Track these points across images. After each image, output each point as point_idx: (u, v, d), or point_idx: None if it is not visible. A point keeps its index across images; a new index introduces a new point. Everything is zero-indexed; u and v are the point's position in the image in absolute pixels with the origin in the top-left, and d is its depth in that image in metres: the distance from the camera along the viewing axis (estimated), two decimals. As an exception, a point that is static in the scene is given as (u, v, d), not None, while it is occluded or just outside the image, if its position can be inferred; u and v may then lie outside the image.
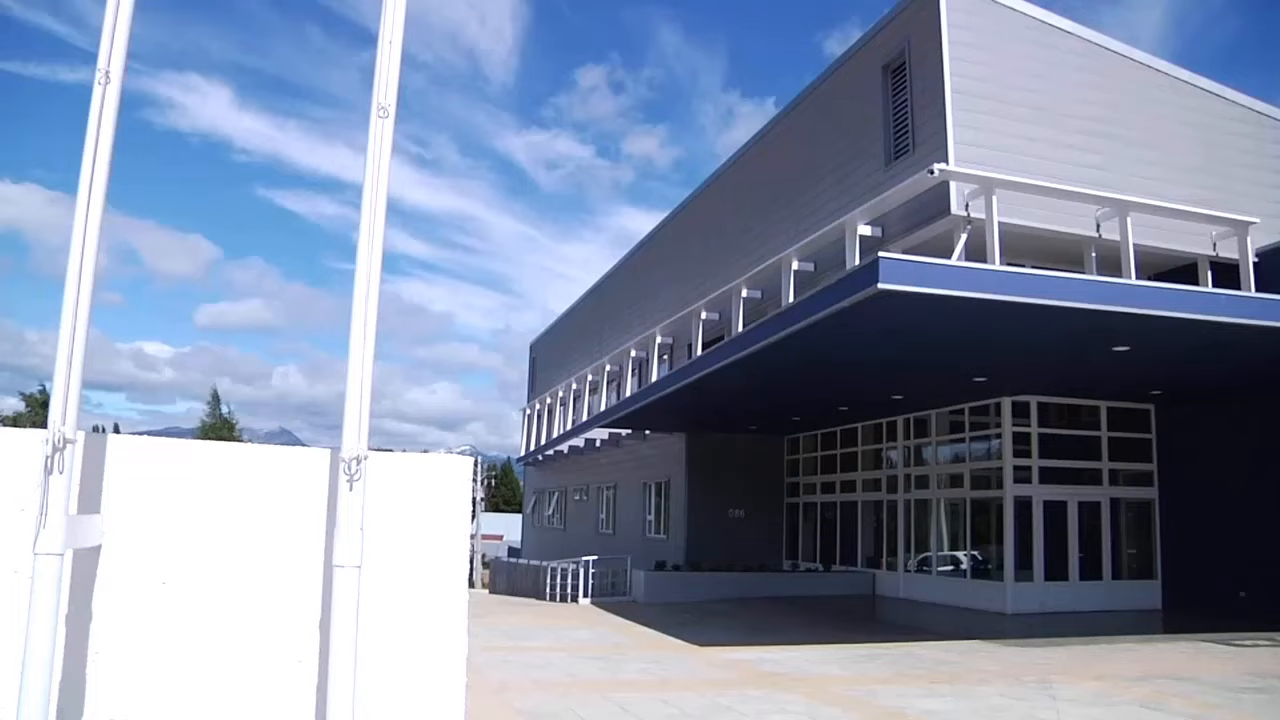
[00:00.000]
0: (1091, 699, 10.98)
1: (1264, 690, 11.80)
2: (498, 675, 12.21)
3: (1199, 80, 21.49)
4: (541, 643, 15.85)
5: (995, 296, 12.38)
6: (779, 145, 25.48)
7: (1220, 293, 15.02)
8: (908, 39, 19.38)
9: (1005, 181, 17.11)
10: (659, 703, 10.40)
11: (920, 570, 23.44)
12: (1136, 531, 22.02)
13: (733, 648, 15.25)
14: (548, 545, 44.27)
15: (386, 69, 3.57)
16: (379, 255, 3.45)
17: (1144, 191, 19.01)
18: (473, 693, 10.59)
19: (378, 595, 3.38)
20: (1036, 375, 19.38)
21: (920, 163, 18.03)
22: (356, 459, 3.29)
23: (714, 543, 27.55)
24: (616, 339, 36.66)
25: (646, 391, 23.56)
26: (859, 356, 17.28)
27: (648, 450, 32.57)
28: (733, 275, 24.74)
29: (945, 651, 14.86)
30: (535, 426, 46.32)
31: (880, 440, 25.66)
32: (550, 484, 47.27)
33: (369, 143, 3.51)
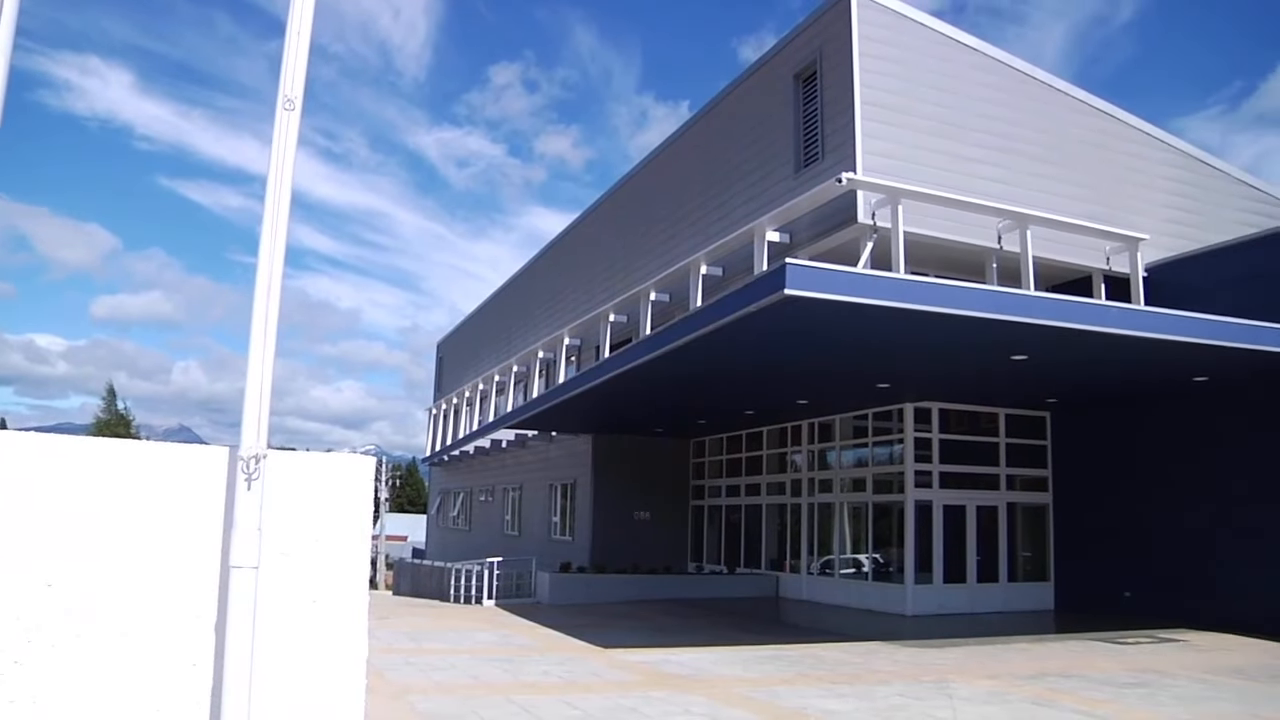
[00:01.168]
0: (986, 697, 11.23)
1: (1145, 685, 12.28)
2: (399, 677, 12.06)
3: (1095, 100, 22.18)
4: (444, 645, 15.70)
5: (899, 304, 12.59)
6: (691, 149, 25.62)
7: (1113, 305, 15.50)
8: (820, 49, 19.64)
9: (911, 192, 17.45)
10: (562, 705, 10.37)
11: (823, 573, 23.74)
12: (1031, 535, 22.60)
13: (637, 650, 15.26)
14: (452, 546, 43.90)
15: (294, 60, 3.51)
16: (282, 249, 3.38)
17: (1043, 206, 19.56)
18: (374, 695, 10.47)
19: (276, 597, 3.32)
20: (938, 382, 19.77)
21: (829, 171, 18.29)
22: (255, 458, 3.23)
23: (619, 545, 27.58)
24: (525, 340, 36.51)
25: (554, 393, 23.49)
26: (765, 361, 17.44)
27: (554, 452, 32.49)
28: (642, 278, 24.81)
29: (846, 652, 15.05)
30: (441, 427, 45.90)
31: (785, 444, 25.93)
32: (456, 485, 46.89)
33: (274, 135, 3.45)
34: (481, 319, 47.20)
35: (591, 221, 33.33)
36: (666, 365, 16.85)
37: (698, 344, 14.74)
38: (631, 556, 26.74)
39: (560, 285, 35.20)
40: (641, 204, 28.51)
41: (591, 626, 18.33)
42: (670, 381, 19.64)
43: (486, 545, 34.90)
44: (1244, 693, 11.92)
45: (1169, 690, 11.89)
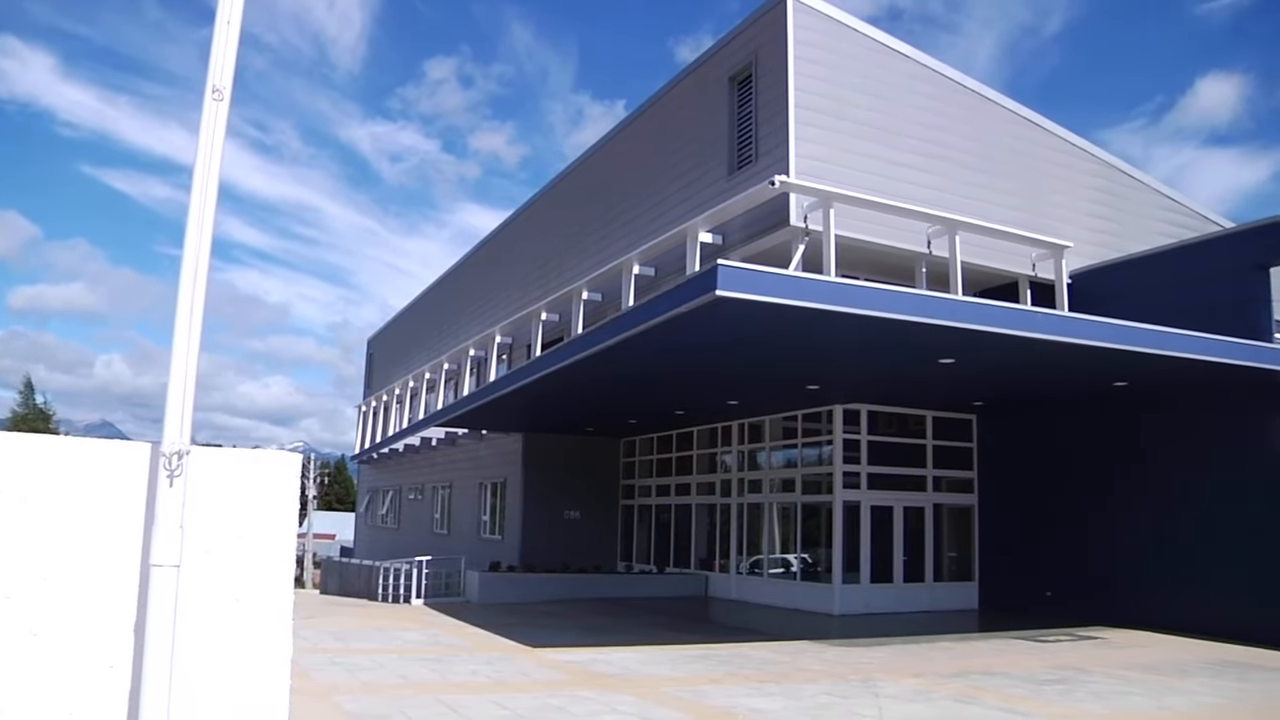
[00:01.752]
0: (911, 695, 11.39)
1: (1063, 681, 12.60)
2: (326, 677, 11.91)
3: (1023, 110, 22.60)
4: (372, 644, 15.53)
5: (829, 307, 12.70)
6: (625, 149, 25.64)
7: (1038, 311, 15.77)
8: (755, 52, 19.75)
9: (843, 196, 17.63)
10: (491, 704, 10.31)
11: (752, 573, 23.88)
12: (957, 536, 22.95)
13: (566, 649, 15.24)
14: (381, 545, 43.48)
15: (223, 49, 3.46)
16: (208, 241, 3.33)
17: (972, 212, 19.88)
18: (299, 696, 10.28)
19: (198, 595, 3.27)
20: (867, 384, 19.99)
21: (762, 174, 18.41)
22: (178, 454, 3.18)
23: (549, 544, 27.51)
24: (456, 337, 36.28)
25: (484, 391, 23.36)
26: (696, 361, 17.50)
27: (484, 450, 32.33)
28: (574, 277, 24.78)
29: (774, 652, 15.16)
30: (371, 424, 45.44)
31: (715, 444, 26.04)
32: (385, 483, 46.44)
33: (202, 125, 3.40)
34: (413, 316, 46.83)
35: (525, 219, 33.21)
36: (598, 365, 16.84)
37: (629, 344, 14.75)
38: (561, 556, 26.70)
39: (493, 283, 35.03)
40: (576, 203, 28.47)
41: (521, 626, 18.27)
42: (601, 381, 19.64)
43: (416, 544, 34.60)
44: (1155, 687, 12.29)
45: (1086, 686, 12.20)
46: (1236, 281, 18.86)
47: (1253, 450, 18.12)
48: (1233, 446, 18.40)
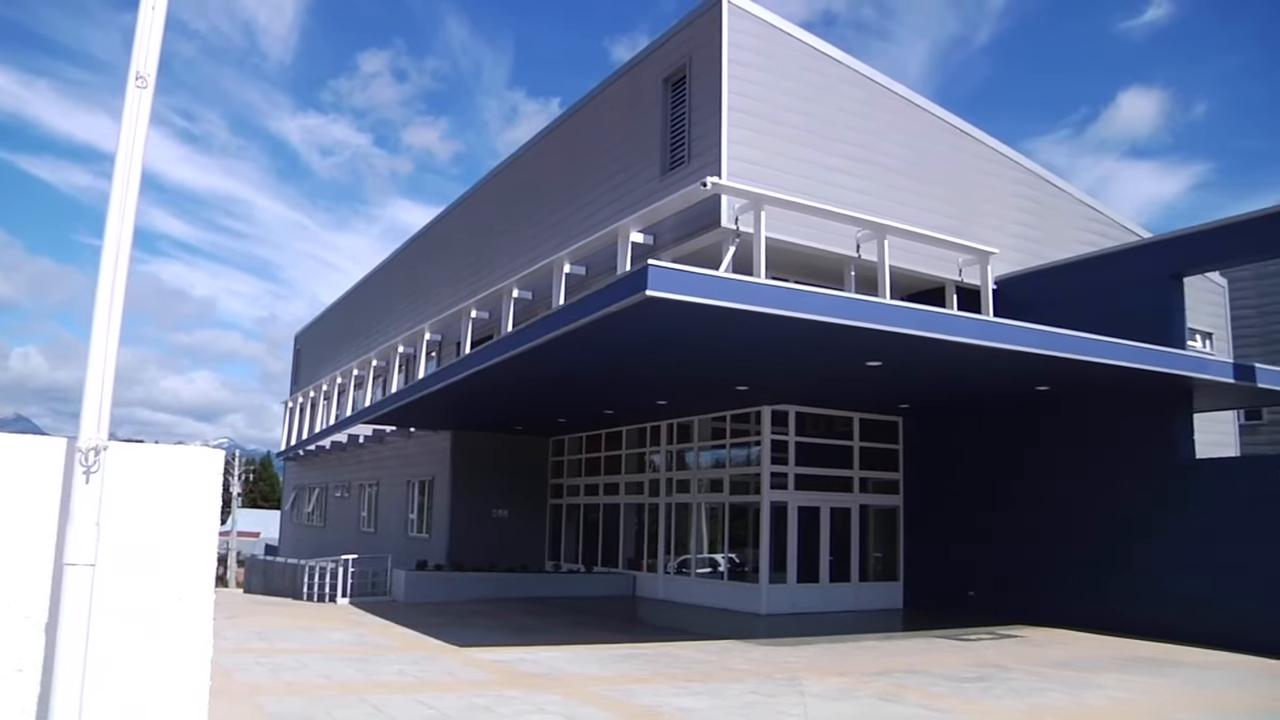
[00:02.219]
0: (836, 694, 11.51)
1: (984, 679, 12.84)
2: (248, 678, 11.73)
3: (953, 118, 22.97)
4: (297, 644, 15.33)
5: (759, 309, 12.77)
6: (559, 147, 25.59)
7: (963, 316, 16.01)
8: (690, 54, 19.82)
9: (774, 199, 17.75)
10: (416, 704, 10.23)
11: (680, 572, 23.96)
12: (882, 536, 23.23)
13: (493, 648, 15.18)
14: (307, 543, 42.90)
15: (148, 34, 3.40)
16: (130, 231, 3.27)
17: (901, 217, 20.14)
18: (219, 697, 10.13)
19: (113, 595, 3.20)
20: (795, 386, 20.15)
21: (695, 175, 18.48)
22: (95, 449, 3.12)
23: (477, 542, 27.36)
24: (385, 334, 35.95)
25: (413, 388, 23.18)
26: (626, 361, 17.52)
27: (413, 448, 32.06)
28: (505, 275, 24.68)
29: (701, 651, 15.22)
30: (298, 421, 44.84)
31: (644, 444, 26.09)
32: (311, 480, 45.85)
33: (124, 113, 3.33)
34: (342, 311, 46.30)
35: (457, 216, 33.00)
36: (527, 363, 16.78)
37: (559, 343, 14.72)
38: (489, 555, 26.57)
39: (423, 279, 34.77)
40: (508, 200, 28.35)
41: (447, 625, 18.16)
42: (531, 380, 19.57)
43: (342, 542, 34.20)
44: (1072, 684, 12.60)
45: (1006, 684, 12.44)
46: (1153, 290, 19.36)
47: (1163, 452, 18.62)
48: (1144, 449, 18.89)
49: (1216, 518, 17.47)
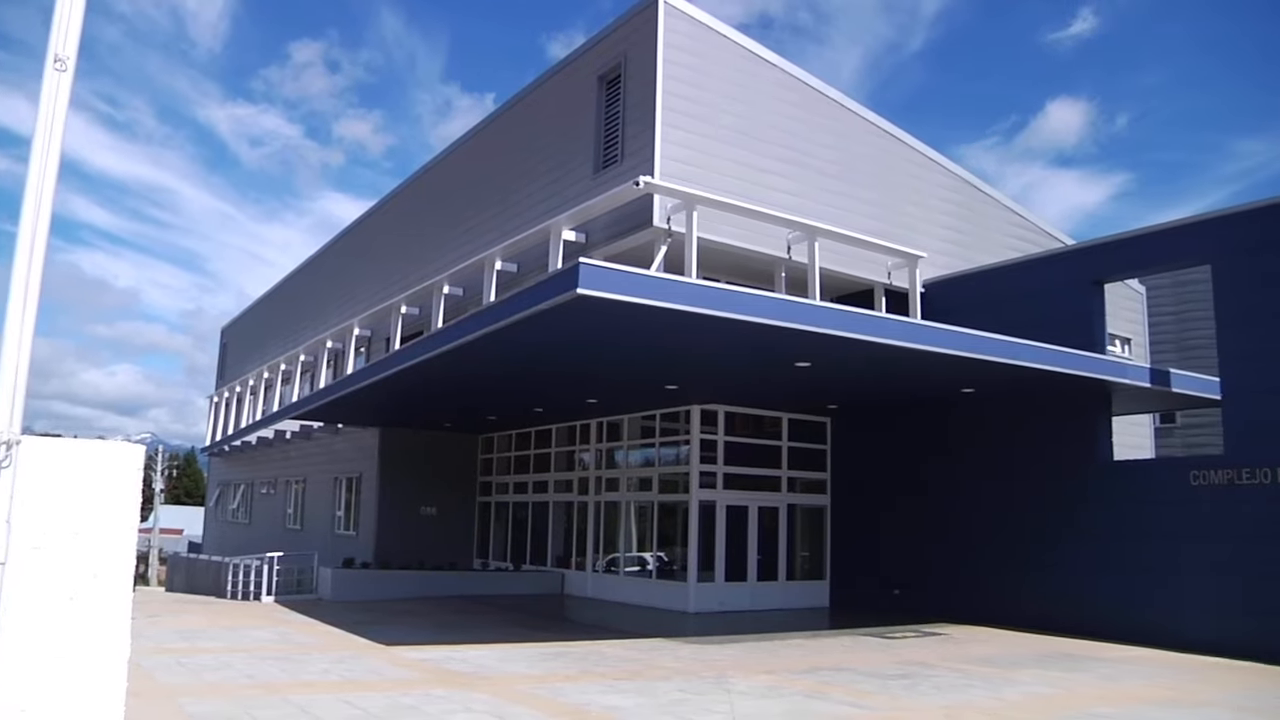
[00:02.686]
0: (763, 691, 11.60)
1: (908, 676, 13.02)
2: (169, 679, 11.52)
3: (884, 123, 23.25)
4: (220, 644, 15.08)
5: (689, 308, 12.84)
6: (492, 144, 25.47)
7: (891, 318, 16.22)
8: (625, 53, 19.84)
9: (706, 199, 17.83)
10: (341, 703, 10.12)
11: (608, 570, 23.99)
12: (810, 535, 23.44)
13: (420, 647, 15.06)
14: (231, 540, 42.24)
15: (67, 15, 3.34)
16: (47, 218, 3.21)
17: (831, 220, 20.34)
18: (138, 699, 9.95)
19: (27, 593, 3.14)
20: (725, 385, 20.26)
21: (628, 174, 18.50)
22: (7, 444, 3.06)
23: (405, 540, 27.16)
24: (314, 328, 35.53)
25: (341, 384, 22.93)
26: (556, 359, 17.49)
27: (340, 444, 31.72)
28: (436, 271, 24.51)
29: (630, 649, 15.24)
30: (223, 416, 44.13)
31: (573, 442, 26.08)
32: (237, 476, 45.15)
33: (43, 96, 3.27)
34: (270, 305, 45.68)
35: (389, 210, 32.72)
36: (457, 360, 16.69)
37: (489, 340, 14.65)
38: (417, 552, 26.38)
39: (353, 274, 34.41)
40: (441, 195, 28.16)
41: (374, 623, 18.00)
42: (460, 376, 19.48)
43: (267, 540, 33.74)
44: (993, 680, 12.84)
45: (930, 680, 12.64)
46: (1076, 296, 19.79)
47: (1083, 453, 19.03)
48: (1065, 450, 19.30)
49: (1132, 518, 17.90)
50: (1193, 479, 17.20)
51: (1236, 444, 16.84)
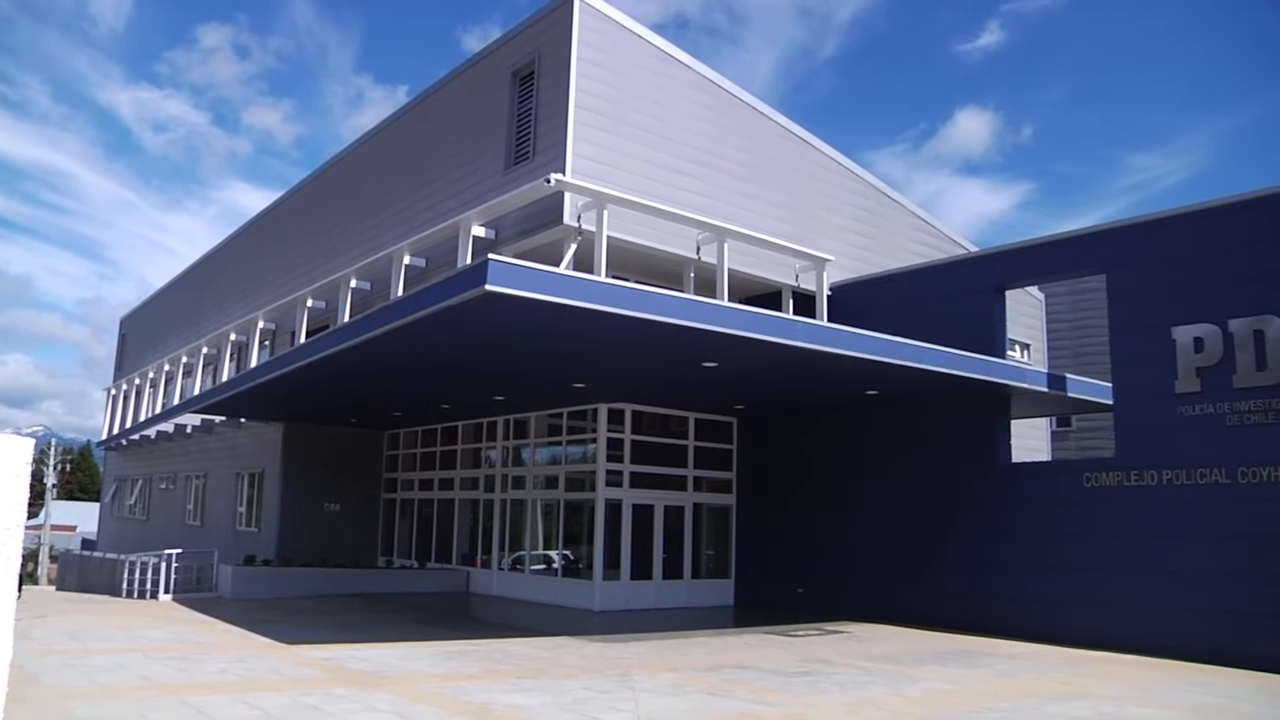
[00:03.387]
0: (667, 689, 11.65)
1: (811, 673, 13.19)
2: (58, 681, 11.17)
3: (795, 127, 23.53)
4: (113, 644, 14.66)
5: (598, 307, 12.85)
6: (403, 137, 25.22)
7: (798, 320, 16.43)
8: (539, 49, 19.79)
9: (617, 198, 17.87)
10: (240, 704, 9.92)
11: (514, 569, 23.91)
12: (715, 534, 23.62)
13: (322, 645, 14.84)
14: (128, 538, 41.14)
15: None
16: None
17: (741, 221, 20.52)
18: (24, 704, 9.68)
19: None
20: (633, 385, 20.32)
21: (539, 171, 18.45)
22: (-127, 433, 2.94)
23: (308, 537, 26.76)
24: (217, 320, 34.82)
25: (245, 377, 22.51)
26: (463, 356, 17.39)
27: (243, 439, 31.13)
28: (344, 264, 24.20)
29: (534, 648, 15.20)
30: (121, 408, 43.00)
31: (480, 439, 25.93)
32: (134, 471, 44.03)
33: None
34: (172, 295, 44.66)
35: (297, 201, 32.20)
36: (363, 355, 16.50)
37: (396, 335, 14.51)
38: (320, 550, 26.01)
39: (259, 266, 33.80)
40: (350, 188, 27.80)
41: (275, 622, 17.70)
42: (367, 371, 19.25)
43: (166, 536, 32.94)
44: (893, 676, 13.07)
45: (832, 678, 12.82)
46: (978, 301, 20.23)
47: (982, 455, 19.48)
48: (965, 452, 19.74)
49: (1029, 518, 18.37)
50: (1086, 480, 17.71)
51: (1126, 447, 17.38)
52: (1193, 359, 16.56)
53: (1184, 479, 16.40)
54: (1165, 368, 16.85)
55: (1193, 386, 16.53)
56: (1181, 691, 12.60)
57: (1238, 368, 16.07)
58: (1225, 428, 16.08)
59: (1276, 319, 15.75)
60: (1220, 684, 13.32)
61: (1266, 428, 15.66)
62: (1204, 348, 16.46)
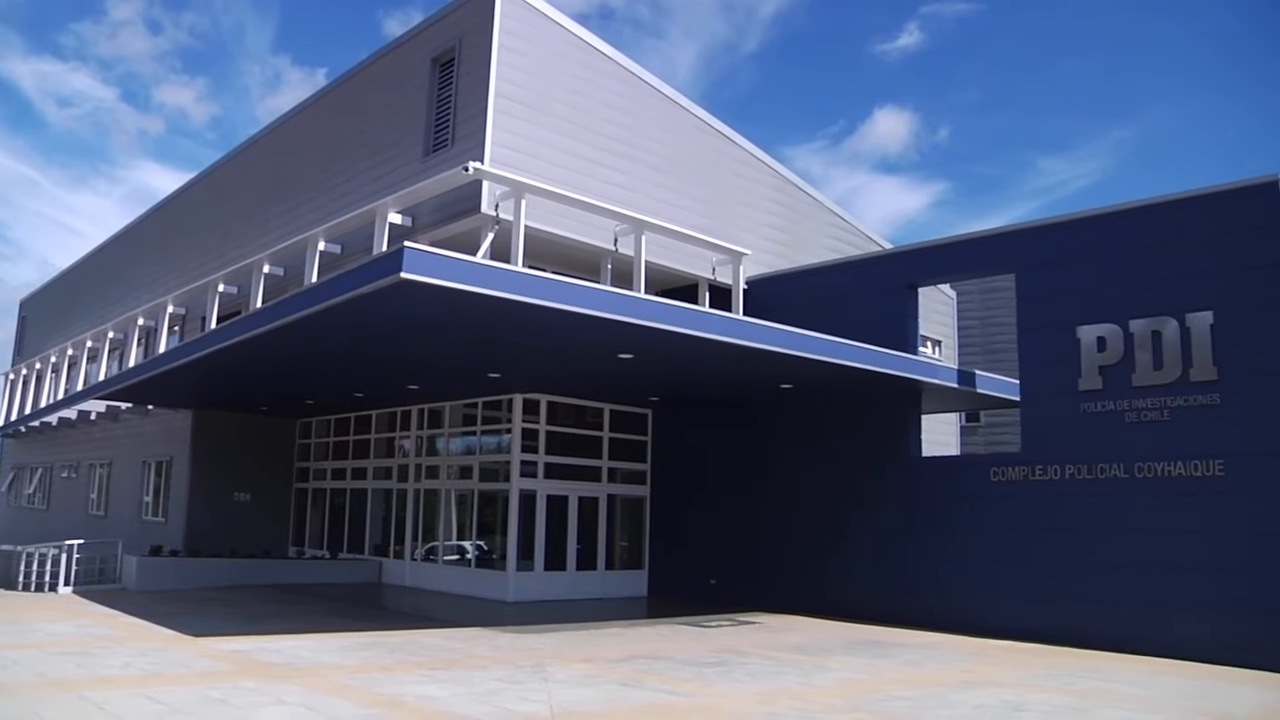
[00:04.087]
0: (580, 680, 11.68)
1: (723, 664, 13.31)
2: (-56, 678, 10.81)
3: (715, 121, 23.69)
4: (7, 639, 14.14)
5: (514, 297, 12.79)
6: (321, 120, 24.87)
7: (714, 313, 16.53)
8: (460, 36, 19.65)
9: (536, 188, 17.84)
10: (144, 699, 9.70)
11: (427, 559, 23.73)
12: (629, 526, 23.69)
13: (230, 637, 14.56)
14: (26, 528, 39.93)
15: None
16: None
17: (659, 214, 20.62)
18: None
19: None
20: (548, 375, 20.27)
21: (457, 158, 18.34)
22: None
23: (217, 527, 26.22)
24: (125, 304, 34.00)
25: (153, 363, 21.98)
26: (378, 344, 17.20)
27: (150, 426, 30.42)
28: (257, 249, 23.80)
29: (447, 639, 15.12)
30: (20, 394, 41.74)
31: (394, 429, 25.67)
32: (34, 459, 42.78)
33: None
34: (77, 278, 43.52)
35: (210, 184, 31.56)
36: (275, 342, 16.23)
37: (309, 322, 14.29)
38: (230, 540, 25.53)
39: (170, 249, 33.08)
40: (265, 171, 27.34)
41: (182, 613, 17.34)
42: (279, 359, 18.94)
43: (68, 527, 32.02)
44: (804, 667, 13.27)
45: (743, 668, 12.97)
46: (891, 298, 20.55)
47: (893, 449, 19.82)
48: (877, 446, 20.07)
49: (937, 511, 18.74)
50: (993, 475, 18.13)
51: (1031, 443, 17.81)
52: (1095, 358, 17.04)
53: (1085, 474, 16.88)
54: (1069, 366, 17.30)
55: (1095, 384, 17.01)
56: (1077, 678, 13.01)
57: (1137, 367, 16.58)
58: (1124, 424, 16.59)
59: (1173, 320, 16.28)
60: (1111, 670, 13.80)
61: (1161, 424, 16.20)
62: (1106, 347, 16.95)
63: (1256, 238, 15.84)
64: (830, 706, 10.46)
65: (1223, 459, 15.51)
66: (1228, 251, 16.05)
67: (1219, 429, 15.63)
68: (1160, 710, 10.88)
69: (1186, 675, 13.58)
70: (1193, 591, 15.33)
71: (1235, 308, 15.79)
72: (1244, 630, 14.74)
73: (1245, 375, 15.55)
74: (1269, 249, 15.68)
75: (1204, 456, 15.68)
